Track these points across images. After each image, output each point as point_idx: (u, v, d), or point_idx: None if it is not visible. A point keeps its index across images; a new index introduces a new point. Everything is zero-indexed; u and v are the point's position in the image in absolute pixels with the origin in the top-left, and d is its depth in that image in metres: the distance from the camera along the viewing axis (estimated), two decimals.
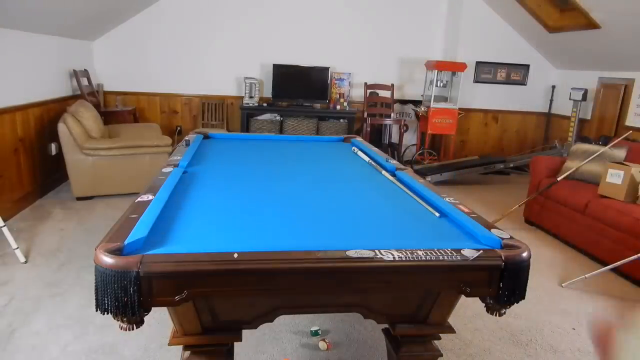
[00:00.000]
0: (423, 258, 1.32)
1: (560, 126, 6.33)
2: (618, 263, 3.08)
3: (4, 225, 3.06)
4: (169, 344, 1.49)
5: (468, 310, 2.72)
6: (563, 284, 3.16)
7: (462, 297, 1.47)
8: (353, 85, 6.41)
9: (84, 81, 5.27)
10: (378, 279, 1.34)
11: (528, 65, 6.46)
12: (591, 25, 4.76)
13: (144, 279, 1.17)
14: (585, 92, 5.61)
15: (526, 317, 2.72)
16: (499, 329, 2.58)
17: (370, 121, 5.98)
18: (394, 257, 1.31)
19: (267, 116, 6.03)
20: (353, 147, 3.06)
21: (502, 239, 1.46)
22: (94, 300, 1.19)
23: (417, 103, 6.47)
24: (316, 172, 2.43)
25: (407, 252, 1.33)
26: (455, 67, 5.94)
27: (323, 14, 6.20)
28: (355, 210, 1.80)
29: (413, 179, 2.19)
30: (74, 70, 5.11)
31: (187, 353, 1.49)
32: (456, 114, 5.98)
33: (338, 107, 6.21)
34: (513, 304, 1.40)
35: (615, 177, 3.46)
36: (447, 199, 1.87)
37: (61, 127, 4.12)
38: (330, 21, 6.24)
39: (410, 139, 6.58)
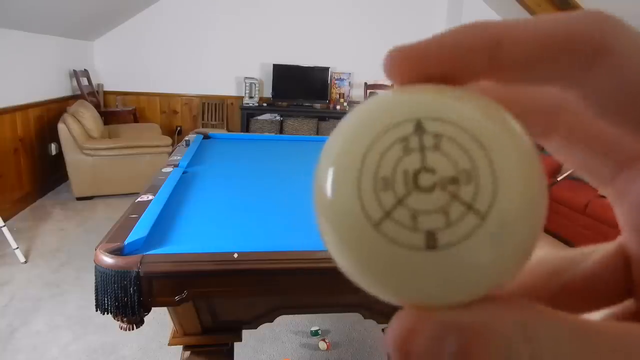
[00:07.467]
0: None
1: None
2: None
3: (4, 225, 3.06)
4: (169, 344, 1.49)
5: None
6: None
7: None
8: (353, 85, 6.40)
9: (84, 81, 5.27)
10: None
11: None
12: None
13: (144, 279, 1.17)
14: None
15: None
16: None
17: None
18: None
19: (267, 116, 6.03)
20: None
21: None
22: (94, 300, 1.19)
23: None
24: None
25: None
26: None
27: (322, 14, 6.20)
28: None
29: None
30: (74, 70, 5.11)
31: (187, 353, 1.49)
32: None
33: (338, 107, 6.21)
34: None
35: None
36: None
37: (61, 127, 4.12)
38: (330, 21, 6.24)
39: None
